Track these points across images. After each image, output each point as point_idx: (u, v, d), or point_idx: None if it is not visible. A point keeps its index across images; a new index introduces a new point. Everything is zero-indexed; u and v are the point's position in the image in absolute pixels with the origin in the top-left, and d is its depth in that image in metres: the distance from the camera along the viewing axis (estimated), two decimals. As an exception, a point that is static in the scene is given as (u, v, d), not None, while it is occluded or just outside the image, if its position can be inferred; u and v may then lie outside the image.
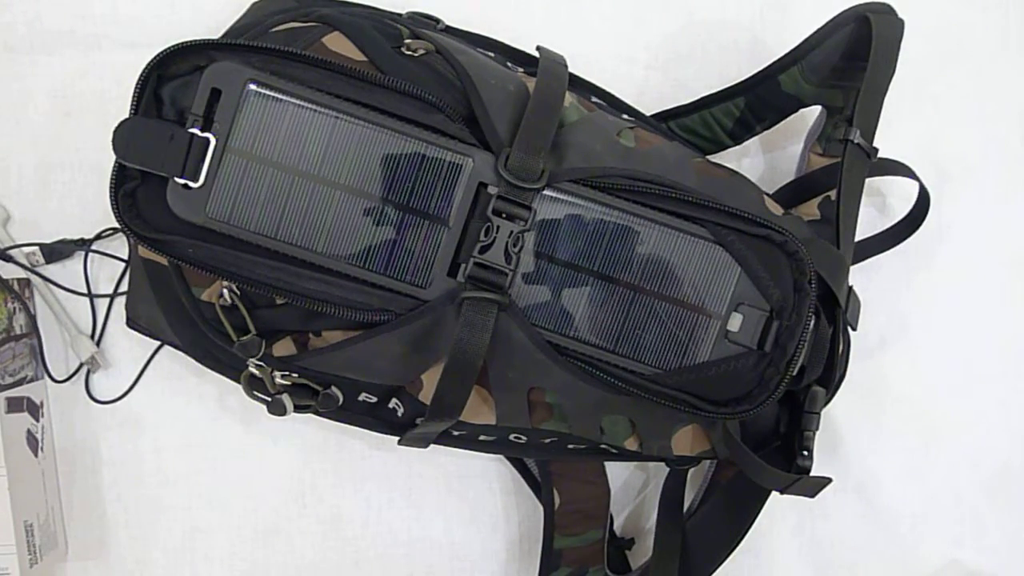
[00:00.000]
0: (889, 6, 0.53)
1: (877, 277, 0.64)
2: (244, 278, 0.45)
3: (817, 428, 0.51)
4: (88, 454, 0.61)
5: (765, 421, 0.53)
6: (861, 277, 0.63)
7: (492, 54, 0.55)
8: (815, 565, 0.65)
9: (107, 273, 0.61)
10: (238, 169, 0.45)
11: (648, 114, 0.59)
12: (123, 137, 0.44)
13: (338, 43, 0.47)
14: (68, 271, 0.60)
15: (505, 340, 0.46)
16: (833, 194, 0.55)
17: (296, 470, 0.62)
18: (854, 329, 0.54)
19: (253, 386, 0.50)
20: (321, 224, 0.45)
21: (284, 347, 0.49)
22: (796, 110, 0.58)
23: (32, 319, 0.60)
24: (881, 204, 0.65)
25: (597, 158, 0.47)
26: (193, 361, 0.52)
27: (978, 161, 0.65)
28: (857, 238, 0.55)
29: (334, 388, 0.51)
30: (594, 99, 0.56)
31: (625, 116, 0.56)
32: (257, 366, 0.49)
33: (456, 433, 0.53)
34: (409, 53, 0.48)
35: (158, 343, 0.60)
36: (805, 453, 0.50)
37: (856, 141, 0.52)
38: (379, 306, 0.46)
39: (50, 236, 0.60)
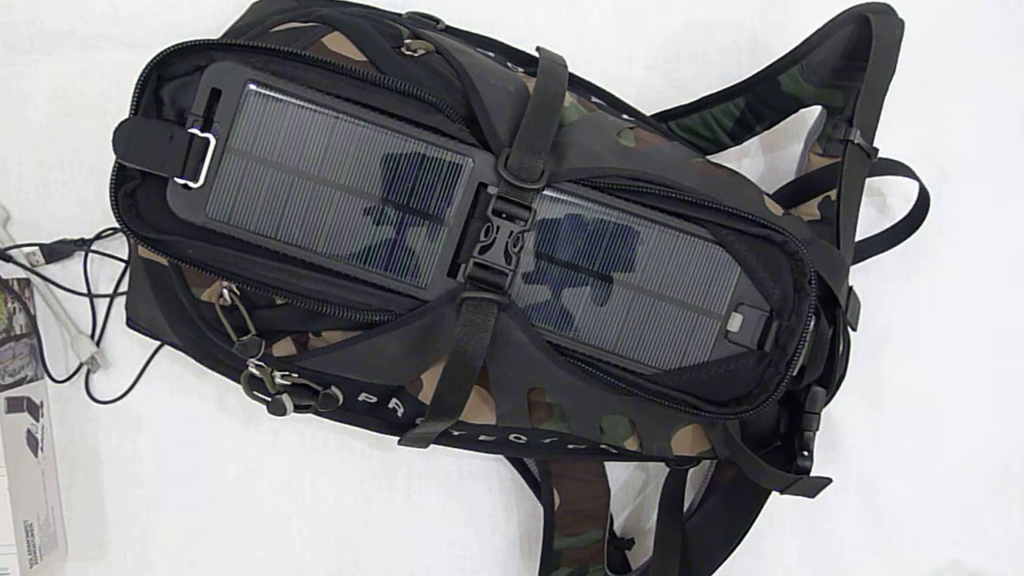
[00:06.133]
0: (889, 6, 0.53)
1: (877, 277, 0.64)
2: (244, 278, 0.45)
3: (817, 428, 0.51)
4: (88, 454, 0.61)
5: (765, 421, 0.53)
6: (861, 277, 0.63)
7: (492, 54, 0.55)
8: (815, 565, 0.65)
9: (107, 273, 0.61)
10: (238, 169, 0.45)
11: (648, 114, 0.59)
12: (123, 137, 0.44)
13: (338, 43, 0.47)
14: (68, 271, 0.60)
15: (505, 340, 0.46)
16: (833, 194, 0.55)
17: (296, 470, 0.62)
18: (854, 329, 0.54)
19: (253, 386, 0.50)
20: (321, 224, 0.45)
21: (284, 347, 0.49)
22: (796, 110, 0.58)
23: (32, 319, 0.60)
24: (881, 204, 0.65)
25: (597, 158, 0.47)
26: (193, 361, 0.52)
27: (978, 161, 0.65)
28: (857, 238, 0.55)
29: (334, 388, 0.51)
30: (594, 99, 0.56)
31: (625, 116, 0.56)
32: (257, 366, 0.49)
33: (456, 433, 0.53)
34: (409, 53, 0.48)
35: (158, 343, 0.60)
36: (805, 453, 0.50)
37: (856, 141, 0.52)
38: (379, 306, 0.46)
39: (50, 236, 0.60)
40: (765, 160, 0.64)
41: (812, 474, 0.50)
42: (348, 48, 0.47)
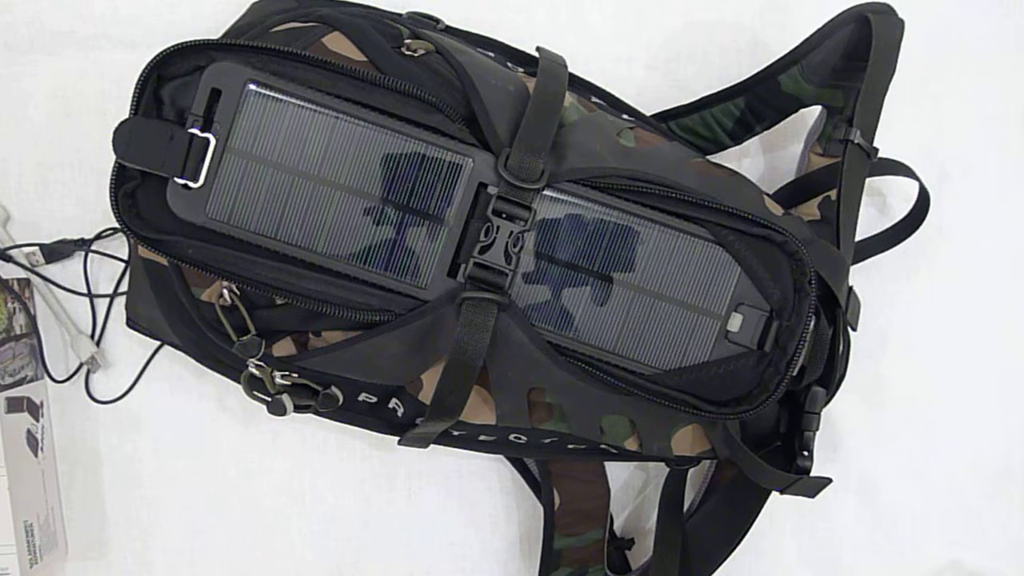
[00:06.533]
0: (889, 6, 0.53)
1: (877, 277, 0.64)
2: (244, 278, 0.45)
3: (817, 428, 0.51)
4: (88, 454, 0.61)
5: (765, 421, 0.53)
6: (861, 277, 0.63)
7: (492, 54, 0.55)
8: (815, 565, 0.65)
9: (107, 273, 0.61)
10: (238, 169, 0.45)
11: (648, 114, 0.59)
12: (123, 137, 0.44)
13: (338, 43, 0.47)
14: (68, 271, 0.60)
15: (505, 340, 0.46)
16: (833, 194, 0.55)
17: (296, 470, 0.62)
18: (854, 329, 0.54)
19: (253, 386, 0.50)
20: (321, 224, 0.45)
21: (284, 347, 0.49)
22: (796, 110, 0.58)
23: (32, 319, 0.60)
24: (881, 204, 0.65)
25: (597, 158, 0.47)
26: (193, 361, 0.52)
27: (978, 161, 0.65)
28: (857, 238, 0.55)
29: (334, 388, 0.51)
30: (594, 99, 0.56)
31: (625, 116, 0.56)
32: (257, 366, 0.49)
33: (456, 433, 0.53)
34: (409, 53, 0.48)
35: (158, 343, 0.60)
36: (805, 453, 0.50)
37: (856, 141, 0.52)
38: (379, 306, 0.46)
39: (50, 236, 0.60)
40: (765, 160, 0.64)
41: (812, 474, 0.50)
42: (348, 48, 0.47)
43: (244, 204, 0.45)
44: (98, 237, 0.60)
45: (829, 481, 0.50)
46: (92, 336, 0.60)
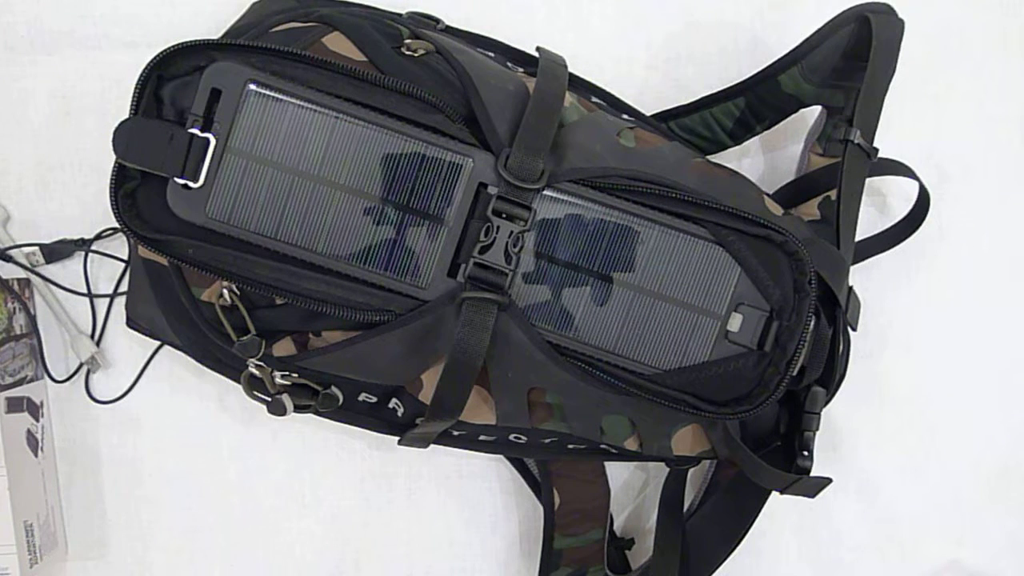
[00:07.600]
0: (889, 6, 0.53)
1: (877, 277, 0.64)
2: (244, 278, 0.45)
3: (817, 428, 0.51)
4: (88, 454, 0.61)
5: (765, 421, 0.53)
6: (861, 277, 0.63)
7: (492, 54, 0.55)
8: (815, 565, 0.65)
9: (107, 273, 0.61)
10: (238, 169, 0.45)
11: (648, 114, 0.59)
12: (123, 137, 0.44)
13: (338, 43, 0.47)
14: (68, 271, 0.60)
15: (505, 340, 0.46)
16: (833, 194, 0.55)
17: (296, 470, 0.62)
18: (854, 329, 0.54)
19: (253, 386, 0.50)
20: (321, 224, 0.45)
21: (284, 347, 0.49)
22: (796, 110, 0.58)
23: (32, 319, 0.60)
24: (881, 204, 0.65)
25: (597, 158, 0.47)
26: (193, 361, 0.52)
27: (978, 161, 0.65)
28: (857, 238, 0.55)
29: (334, 388, 0.51)
30: (594, 99, 0.56)
31: (625, 116, 0.56)
32: (257, 366, 0.49)
33: (456, 433, 0.53)
34: (409, 53, 0.48)
35: (158, 343, 0.60)
36: (805, 453, 0.50)
37: (856, 141, 0.52)
38: (379, 306, 0.46)
39: (50, 236, 0.60)
40: (765, 160, 0.64)
41: (812, 474, 0.50)
42: (348, 48, 0.47)
43: (244, 204, 0.45)
44: (98, 237, 0.60)
45: (829, 481, 0.50)
46: (92, 336, 0.60)
